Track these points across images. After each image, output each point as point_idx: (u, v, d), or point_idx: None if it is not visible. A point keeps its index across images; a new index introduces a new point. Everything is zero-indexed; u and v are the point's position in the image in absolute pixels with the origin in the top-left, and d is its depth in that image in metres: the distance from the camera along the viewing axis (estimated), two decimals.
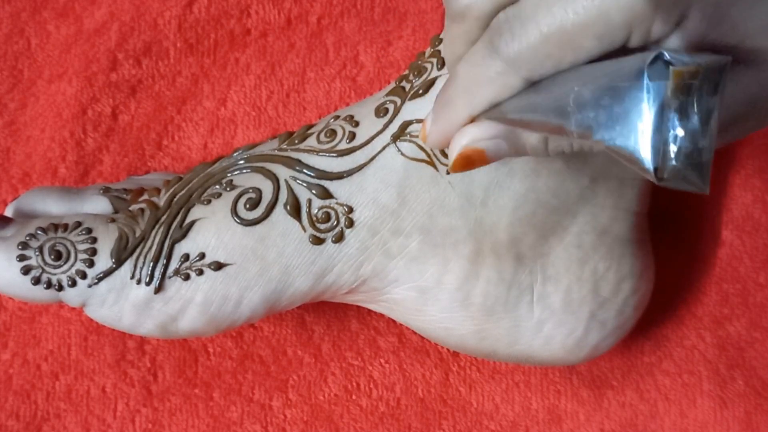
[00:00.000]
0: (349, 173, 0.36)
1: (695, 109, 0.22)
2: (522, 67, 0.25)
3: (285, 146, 0.38)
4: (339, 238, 0.36)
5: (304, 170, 0.36)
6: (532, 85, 0.26)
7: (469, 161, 0.28)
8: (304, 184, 0.36)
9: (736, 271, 0.43)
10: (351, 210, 0.36)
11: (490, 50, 0.26)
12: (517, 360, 0.39)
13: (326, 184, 0.36)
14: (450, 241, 0.36)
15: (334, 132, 0.37)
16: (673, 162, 0.22)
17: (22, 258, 0.35)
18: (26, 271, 0.35)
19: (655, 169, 0.22)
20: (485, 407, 0.43)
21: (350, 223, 0.36)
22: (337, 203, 0.36)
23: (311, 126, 0.39)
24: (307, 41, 0.47)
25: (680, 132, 0.22)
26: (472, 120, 0.28)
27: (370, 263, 0.36)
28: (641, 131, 0.22)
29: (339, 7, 0.47)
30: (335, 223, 0.36)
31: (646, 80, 0.22)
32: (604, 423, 0.42)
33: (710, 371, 0.42)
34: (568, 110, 0.24)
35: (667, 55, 0.22)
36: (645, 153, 0.22)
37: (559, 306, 0.37)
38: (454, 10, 0.27)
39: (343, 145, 0.36)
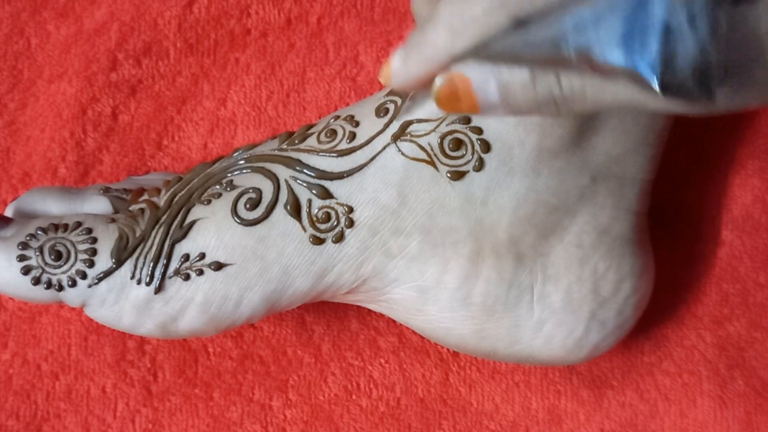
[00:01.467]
0: (350, 173, 0.36)
1: (703, 19, 0.21)
2: (510, 3, 0.24)
3: (285, 146, 0.38)
4: (339, 238, 0.36)
5: (305, 170, 0.36)
6: (521, 24, 0.25)
7: (454, 90, 0.26)
8: (305, 184, 0.36)
9: (736, 271, 0.43)
10: (351, 210, 0.36)
11: None
12: (517, 360, 0.39)
13: (326, 184, 0.36)
14: (450, 241, 0.36)
15: (334, 132, 0.37)
16: (680, 71, 0.22)
17: (22, 258, 0.35)
18: (26, 271, 0.35)
19: (660, 81, 0.22)
20: (485, 407, 0.43)
21: (350, 223, 0.36)
22: (337, 203, 0.36)
23: (311, 126, 0.39)
24: (307, 41, 0.47)
25: (687, 42, 0.21)
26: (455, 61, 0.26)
27: (370, 263, 0.36)
28: (646, 44, 0.22)
29: (339, 7, 0.47)
30: (335, 223, 0.36)
31: None
32: (604, 423, 0.42)
33: (710, 371, 0.42)
34: (565, 34, 0.23)
35: None
36: (650, 64, 0.22)
37: (559, 305, 0.37)
38: None
39: (344, 145, 0.36)
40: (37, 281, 0.35)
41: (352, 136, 0.36)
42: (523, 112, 0.27)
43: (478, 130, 0.35)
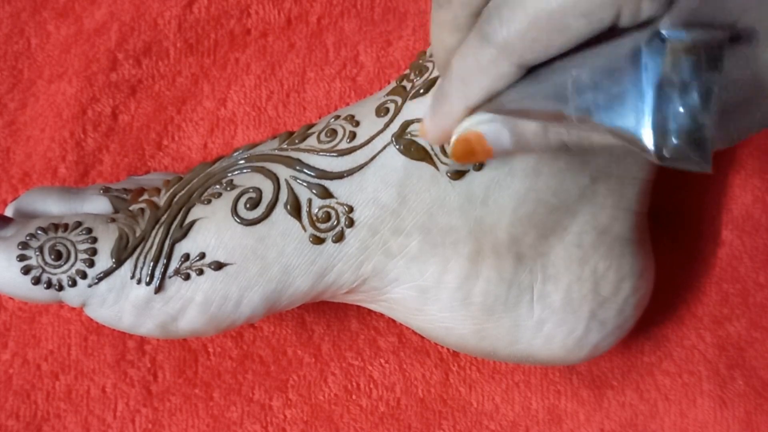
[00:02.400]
0: (350, 173, 0.36)
1: (695, 86, 0.22)
2: (513, 53, 0.25)
3: (285, 146, 0.38)
4: (339, 238, 0.36)
5: (305, 170, 0.36)
6: (529, 73, 0.26)
7: (469, 146, 0.28)
8: (305, 184, 0.36)
9: (736, 271, 0.43)
10: (351, 209, 0.36)
11: (481, 38, 0.26)
12: (518, 359, 0.39)
13: (326, 183, 0.36)
14: (450, 241, 0.36)
15: (334, 131, 0.37)
16: (674, 140, 0.22)
17: (22, 258, 0.35)
18: (26, 270, 0.35)
19: (657, 148, 0.22)
20: (485, 407, 0.43)
21: (350, 223, 0.36)
22: (337, 203, 0.36)
23: (311, 126, 0.39)
24: (307, 41, 0.47)
25: (680, 109, 0.22)
26: (471, 113, 0.28)
27: (370, 263, 0.36)
28: (641, 110, 0.22)
29: (339, 7, 0.47)
30: (335, 222, 0.36)
31: (643, 57, 0.22)
32: (604, 423, 0.42)
33: (710, 371, 0.42)
34: (566, 95, 0.24)
35: (663, 32, 0.22)
36: (645, 132, 0.22)
37: (559, 305, 0.37)
38: None
39: (344, 145, 0.36)
40: (37, 281, 0.35)
41: (353, 136, 0.36)
42: (535, 152, 0.29)
43: None
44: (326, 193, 0.36)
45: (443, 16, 0.27)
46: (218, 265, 0.36)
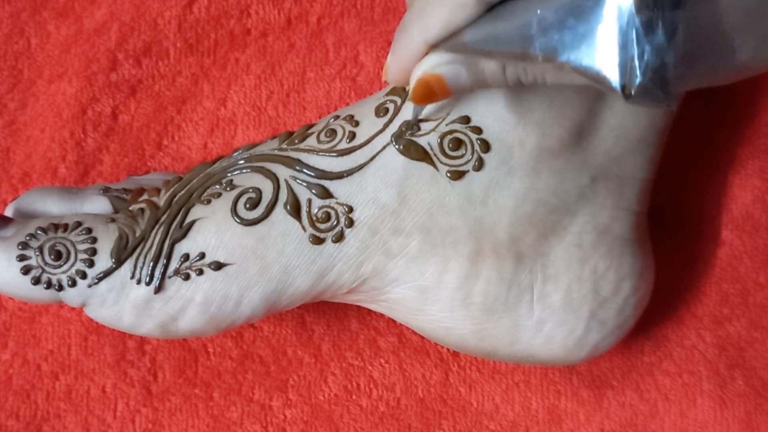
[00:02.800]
0: (349, 173, 0.36)
1: (659, 24, 0.22)
2: None
3: (285, 146, 0.38)
4: (339, 238, 0.36)
5: (304, 170, 0.36)
6: (491, 10, 0.26)
7: (429, 89, 0.28)
8: (304, 184, 0.36)
9: (736, 271, 0.43)
10: (351, 209, 0.36)
11: None
12: (518, 359, 0.39)
13: (326, 183, 0.36)
14: (450, 241, 0.36)
15: (334, 132, 0.37)
16: (639, 78, 0.22)
17: (22, 258, 0.35)
18: (26, 271, 0.35)
19: (622, 87, 0.22)
20: (485, 407, 0.43)
21: (350, 223, 0.36)
22: (337, 203, 0.36)
23: (311, 126, 0.39)
24: (307, 41, 0.47)
25: (646, 48, 0.22)
26: (430, 49, 0.28)
27: (370, 263, 0.36)
28: (607, 49, 0.22)
29: (339, 7, 0.47)
30: (335, 222, 0.36)
31: None
32: (604, 423, 0.42)
33: (710, 371, 0.42)
34: (531, 34, 0.24)
35: None
36: (611, 71, 0.22)
37: (559, 305, 0.37)
38: None
39: (343, 145, 0.36)
40: (37, 281, 0.35)
41: (352, 136, 0.36)
42: (493, 88, 0.30)
43: (478, 130, 0.35)
44: (326, 193, 0.36)
45: None
46: (218, 265, 0.36)
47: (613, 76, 0.22)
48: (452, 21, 0.27)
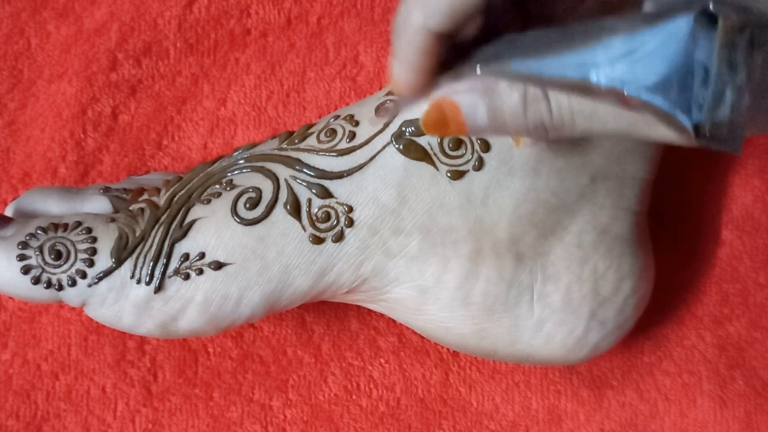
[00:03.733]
0: (349, 172, 0.36)
1: (742, 63, 0.21)
2: None
3: (285, 146, 0.38)
4: (339, 238, 0.36)
5: (304, 170, 0.36)
6: (539, 32, 0.24)
7: (442, 116, 0.26)
8: (304, 184, 0.36)
9: (736, 271, 0.43)
10: (351, 209, 0.36)
11: None
12: (518, 359, 0.39)
13: (326, 183, 0.36)
14: (450, 240, 0.36)
15: (334, 131, 0.37)
16: (718, 116, 0.21)
17: (22, 257, 0.35)
18: (26, 270, 0.35)
19: (696, 128, 0.21)
20: (485, 407, 0.43)
21: (350, 223, 0.36)
22: (337, 202, 0.36)
23: (311, 125, 0.39)
24: (307, 41, 0.47)
25: (727, 84, 0.21)
26: (436, 38, 0.26)
27: (370, 262, 0.36)
28: (683, 86, 0.21)
29: (339, 7, 0.47)
30: (335, 222, 0.36)
31: (693, 34, 0.21)
32: (604, 423, 0.42)
33: (710, 371, 0.42)
34: (595, 62, 0.22)
35: (714, 6, 0.20)
36: (685, 109, 0.21)
37: (559, 305, 0.37)
38: None
39: (343, 145, 0.36)
40: (36, 280, 0.35)
41: (352, 136, 0.36)
42: (511, 134, 0.27)
43: None
44: (326, 193, 0.36)
45: None
46: (218, 265, 0.36)
47: (688, 114, 0.21)
48: (455, 4, 0.25)
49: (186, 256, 0.36)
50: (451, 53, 0.27)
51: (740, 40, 0.20)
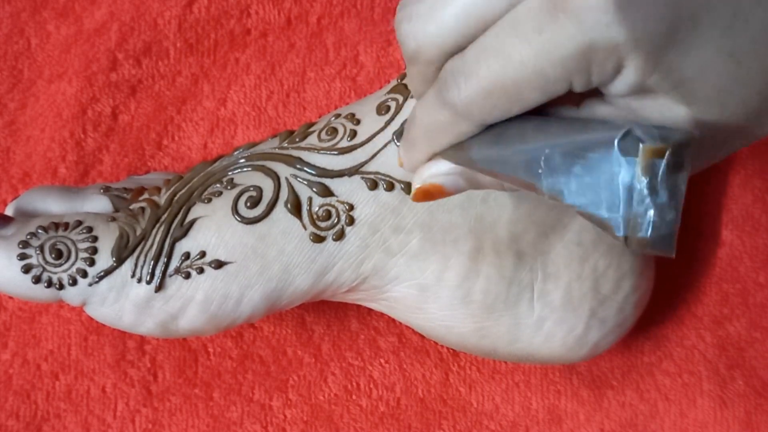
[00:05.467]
0: (350, 171, 0.36)
1: (664, 186, 0.23)
2: (471, 117, 0.26)
3: (286, 144, 0.38)
4: (340, 236, 0.36)
5: (305, 168, 0.36)
6: (493, 129, 0.26)
7: (429, 194, 0.29)
8: (305, 182, 0.36)
9: (736, 271, 0.43)
10: (352, 207, 0.36)
11: (440, 100, 0.26)
12: (518, 358, 0.39)
13: (327, 181, 0.36)
14: (450, 238, 0.36)
15: (335, 130, 0.37)
16: (641, 234, 0.23)
17: (22, 257, 0.35)
18: (27, 269, 0.35)
19: (625, 238, 0.23)
20: (485, 407, 0.43)
21: (351, 221, 0.36)
22: (337, 201, 0.36)
23: (312, 124, 0.39)
24: (307, 41, 0.47)
25: (649, 207, 0.23)
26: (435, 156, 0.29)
27: (370, 261, 0.36)
28: (613, 205, 0.23)
29: (339, 7, 0.47)
30: (336, 220, 0.36)
31: (616, 155, 0.23)
32: (604, 423, 0.42)
33: (710, 371, 0.42)
34: (539, 171, 0.24)
35: (637, 131, 0.22)
36: (615, 223, 0.23)
37: (559, 303, 0.37)
38: (407, 53, 0.27)
39: (344, 143, 0.36)
40: (37, 280, 0.35)
41: (353, 134, 0.37)
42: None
43: None
44: (327, 192, 0.36)
45: (412, 69, 0.27)
46: (219, 264, 0.36)
47: (617, 228, 0.23)
48: (457, 141, 0.27)
49: (187, 255, 0.36)
50: None
51: (660, 163, 0.22)
